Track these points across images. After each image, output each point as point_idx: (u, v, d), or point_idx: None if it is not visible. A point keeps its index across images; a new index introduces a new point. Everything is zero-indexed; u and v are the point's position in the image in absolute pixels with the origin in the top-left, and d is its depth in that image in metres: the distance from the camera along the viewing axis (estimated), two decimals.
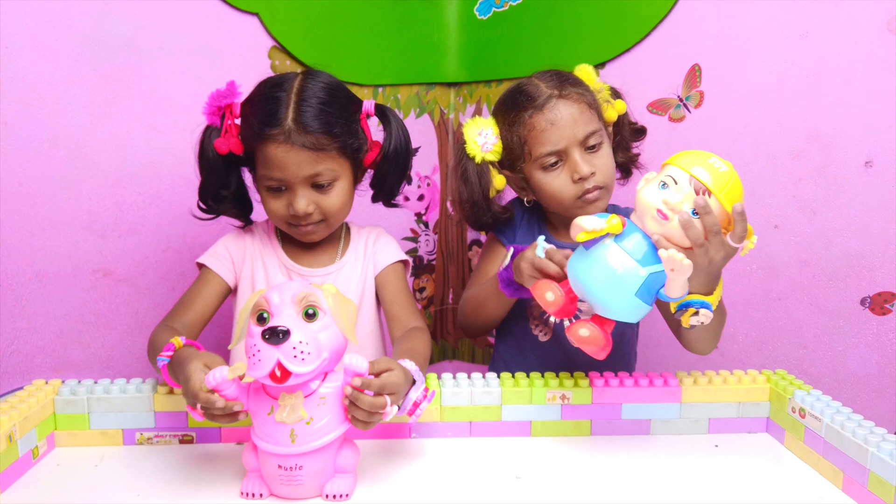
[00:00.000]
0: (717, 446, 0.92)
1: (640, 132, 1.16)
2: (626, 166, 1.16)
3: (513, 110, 1.05)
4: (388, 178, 1.08)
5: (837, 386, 1.31)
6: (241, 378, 0.75)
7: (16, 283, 1.18)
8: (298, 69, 1.49)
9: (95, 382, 0.91)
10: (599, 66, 1.52)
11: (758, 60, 1.31)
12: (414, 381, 0.82)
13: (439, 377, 0.95)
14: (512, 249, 0.98)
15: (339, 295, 0.77)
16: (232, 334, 1.12)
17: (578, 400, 0.93)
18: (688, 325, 0.80)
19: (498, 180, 1.07)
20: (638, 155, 1.16)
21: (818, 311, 1.31)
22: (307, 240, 1.06)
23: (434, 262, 1.89)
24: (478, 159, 1.07)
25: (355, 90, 1.59)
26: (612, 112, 1.08)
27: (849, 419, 0.81)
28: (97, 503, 0.77)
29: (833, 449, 0.82)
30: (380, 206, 1.12)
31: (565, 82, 1.05)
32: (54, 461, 0.86)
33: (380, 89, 1.68)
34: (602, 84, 1.09)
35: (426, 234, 1.86)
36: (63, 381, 0.92)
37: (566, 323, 1.09)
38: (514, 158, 1.07)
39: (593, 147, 1.03)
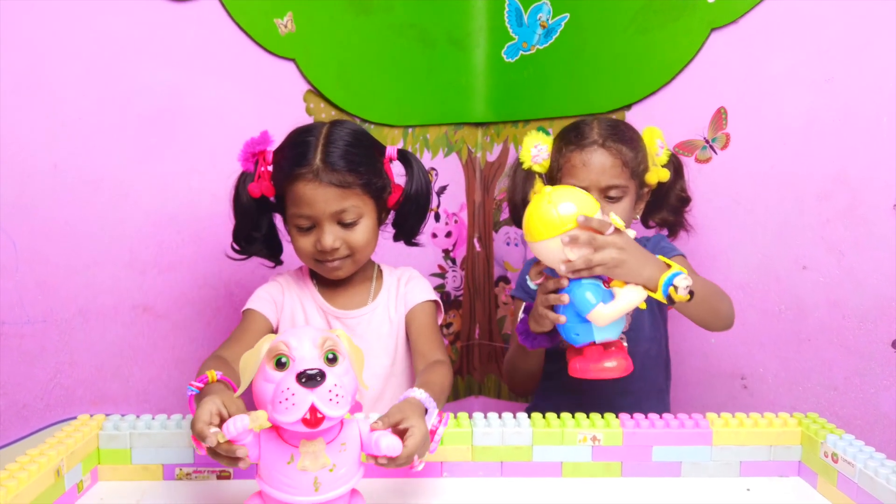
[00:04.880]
0: (749, 490, 0.92)
1: (684, 201, 1.28)
2: (674, 227, 1.30)
3: (564, 139, 1.20)
4: (410, 219, 1.15)
5: (870, 428, 1.29)
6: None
7: (60, 318, 1.22)
8: (332, 112, 1.54)
9: (137, 417, 0.94)
10: (625, 107, 1.55)
11: (783, 103, 1.33)
12: (427, 410, 0.83)
13: (470, 416, 0.97)
14: (524, 305, 1.12)
15: (350, 340, 0.77)
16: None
17: (609, 441, 0.94)
18: (684, 298, 0.91)
19: (539, 187, 1.16)
20: (683, 221, 1.29)
21: (848, 352, 1.31)
22: (334, 276, 1.11)
23: (461, 298, 1.91)
24: (525, 166, 1.22)
25: (386, 131, 1.66)
26: (653, 176, 1.19)
27: (882, 465, 0.81)
28: None
29: (867, 495, 0.81)
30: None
31: (615, 136, 1.17)
32: (98, 495, 0.89)
33: (409, 129, 1.72)
34: (666, 151, 1.21)
35: (453, 271, 1.88)
36: (106, 416, 0.95)
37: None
38: (552, 178, 1.21)
39: (613, 198, 1.16)
